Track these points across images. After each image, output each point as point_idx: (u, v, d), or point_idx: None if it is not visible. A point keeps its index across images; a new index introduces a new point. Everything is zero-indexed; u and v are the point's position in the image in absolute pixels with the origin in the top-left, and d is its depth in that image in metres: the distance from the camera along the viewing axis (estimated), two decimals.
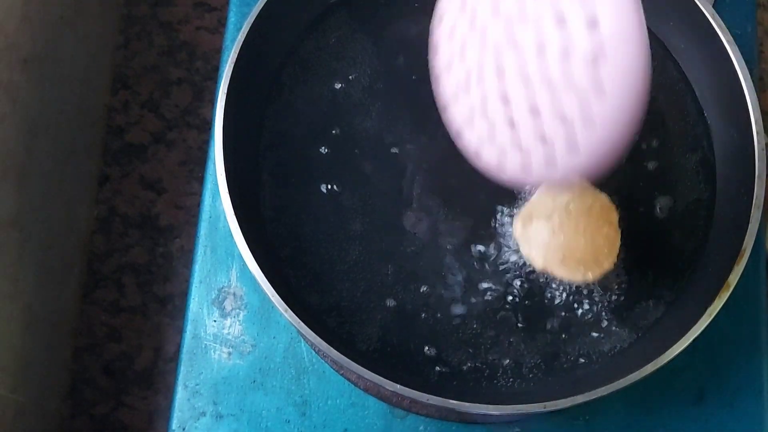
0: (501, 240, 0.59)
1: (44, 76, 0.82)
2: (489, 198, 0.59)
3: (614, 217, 0.56)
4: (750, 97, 0.56)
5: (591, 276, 0.55)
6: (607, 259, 0.55)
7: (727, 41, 0.57)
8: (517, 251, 0.58)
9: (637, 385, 0.51)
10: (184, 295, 0.92)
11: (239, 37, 0.57)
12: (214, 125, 0.56)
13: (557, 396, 0.51)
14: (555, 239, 0.55)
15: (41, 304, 0.83)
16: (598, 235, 0.55)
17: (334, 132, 0.61)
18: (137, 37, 1.04)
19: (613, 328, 0.57)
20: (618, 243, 0.55)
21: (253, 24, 0.58)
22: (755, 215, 0.54)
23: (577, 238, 0.55)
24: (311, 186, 0.60)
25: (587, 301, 0.58)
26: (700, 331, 0.52)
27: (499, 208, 0.59)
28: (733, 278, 0.53)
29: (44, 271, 0.83)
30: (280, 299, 0.52)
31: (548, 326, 0.57)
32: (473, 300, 0.58)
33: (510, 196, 0.59)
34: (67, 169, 0.89)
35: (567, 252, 0.55)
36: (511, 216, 0.59)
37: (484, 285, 0.58)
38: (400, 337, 0.57)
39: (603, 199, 0.56)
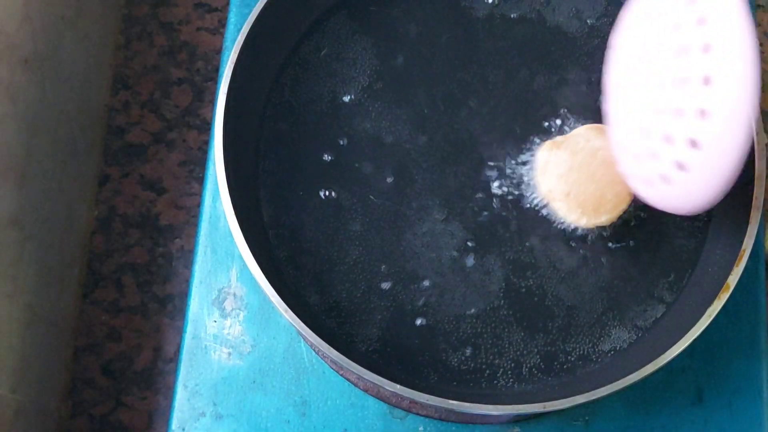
0: (501, 240, 0.59)
1: (45, 76, 0.82)
2: (489, 199, 0.60)
3: None
4: None
5: (584, 222, 0.57)
6: (606, 214, 0.57)
7: None
8: (516, 253, 0.58)
9: (637, 385, 0.51)
10: (184, 295, 0.92)
11: (239, 37, 0.57)
12: (214, 125, 0.56)
13: (557, 396, 0.51)
14: (569, 174, 0.57)
15: (41, 304, 0.83)
16: (609, 189, 0.56)
17: (333, 132, 0.61)
18: (138, 37, 1.04)
19: (613, 328, 0.57)
20: (624, 206, 0.57)
21: (253, 25, 0.58)
22: (755, 216, 0.54)
23: (590, 182, 0.57)
24: (311, 186, 0.60)
25: (587, 301, 0.58)
26: (699, 332, 0.52)
27: (499, 209, 0.59)
28: (733, 279, 0.53)
29: (44, 271, 0.83)
30: (280, 299, 0.52)
31: (548, 326, 0.57)
32: (473, 300, 0.58)
33: (506, 202, 0.59)
34: (67, 169, 0.89)
35: (573, 190, 0.56)
36: (510, 222, 0.59)
37: (484, 285, 0.58)
38: (400, 337, 0.57)
39: None
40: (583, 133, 0.59)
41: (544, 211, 0.59)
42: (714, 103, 0.46)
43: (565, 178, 0.57)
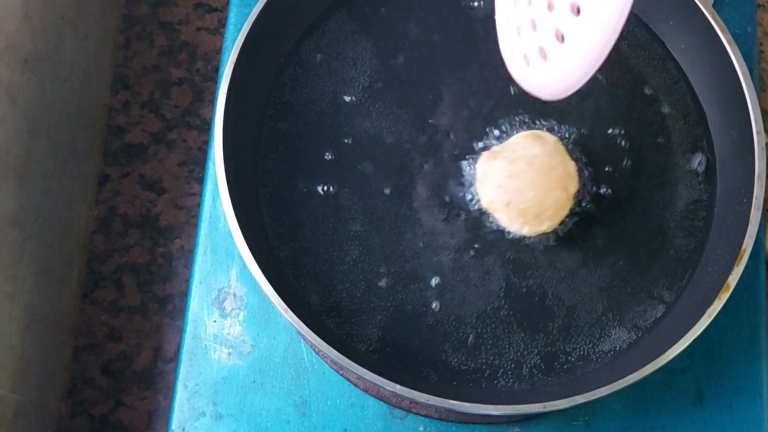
0: (501, 240, 0.59)
1: (44, 76, 0.82)
2: None
3: (573, 186, 0.57)
4: (750, 97, 0.56)
5: (527, 230, 0.57)
6: (547, 221, 0.57)
7: (727, 41, 0.57)
8: (516, 253, 0.58)
9: (637, 385, 0.51)
10: (184, 295, 0.92)
11: (239, 37, 0.57)
12: (214, 125, 0.56)
13: (557, 396, 0.51)
14: (508, 183, 0.57)
15: (41, 304, 0.83)
16: (548, 196, 0.57)
17: (333, 132, 0.61)
18: (138, 37, 1.04)
19: (613, 328, 0.57)
20: (565, 212, 0.57)
21: (253, 24, 0.58)
22: (755, 215, 0.54)
23: (528, 190, 0.57)
24: (311, 186, 0.60)
25: (587, 301, 0.58)
26: (699, 332, 0.52)
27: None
28: (733, 279, 0.53)
29: (44, 271, 0.83)
30: (279, 299, 0.52)
31: (548, 326, 0.57)
32: (473, 300, 0.58)
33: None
34: (67, 169, 0.89)
35: (513, 199, 0.57)
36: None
37: (484, 285, 0.58)
38: (400, 337, 0.57)
39: (570, 166, 0.58)
40: (519, 141, 0.59)
41: (488, 222, 0.58)
42: None
43: (504, 188, 0.57)
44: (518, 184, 0.57)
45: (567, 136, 0.61)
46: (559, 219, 0.57)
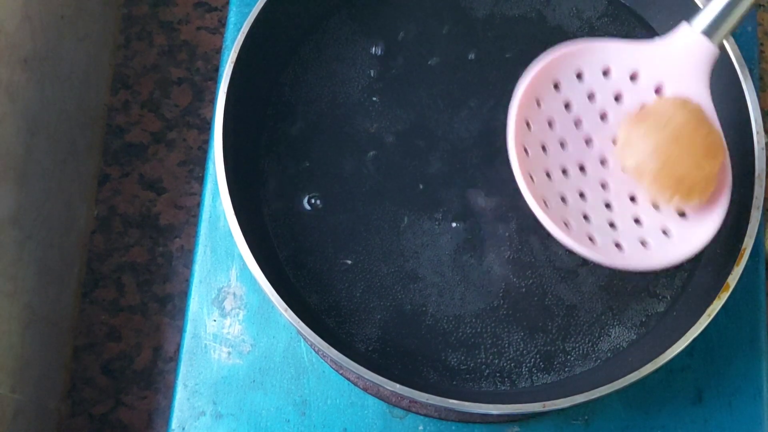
0: (501, 240, 0.59)
1: (44, 75, 0.82)
2: (489, 200, 0.60)
3: (721, 156, 0.52)
4: (750, 97, 0.56)
5: (676, 201, 0.53)
6: (697, 194, 0.52)
7: (727, 41, 0.57)
8: (516, 253, 0.58)
9: (636, 385, 0.51)
10: (184, 295, 0.92)
11: (239, 37, 0.57)
12: (214, 125, 0.56)
13: (556, 395, 0.51)
14: (659, 149, 0.52)
15: (41, 304, 0.83)
16: (701, 166, 0.52)
17: (333, 132, 0.61)
18: (137, 36, 1.04)
19: (613, 327, 0.57)
20: (712, 187, 0.52)
21: (253, 24, 0.58)
22: (755, 215, 0.54)
23: (681, 158, 0.52)
24: (311, 186, 0.60)
25: (586, 300, 0.58)
26: (699, 332, 0.52)
27: (499, 211, 0.59)
28: (733, 279, 0.53)
29: (44, 271, 0.83)
30: (279, 299, 0.52)
31: (548, 326, 0.57)
32: (473, 299, 0.58)
33: (503, 207, 0.59)
34: (67, 169, 0.89)
35: (665, 167, 0.52)
36: (510, 221, 0.59)
37: (484, 284, 0.58)
38: (400, 336, 0.57)
39: (717, 136, 0.53)
40: (663, 105, 0.53)
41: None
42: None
43: (655, 154, 0.52)
44: (669, 151, 0.52)
45: None
46: (708, 192, 0.52)
